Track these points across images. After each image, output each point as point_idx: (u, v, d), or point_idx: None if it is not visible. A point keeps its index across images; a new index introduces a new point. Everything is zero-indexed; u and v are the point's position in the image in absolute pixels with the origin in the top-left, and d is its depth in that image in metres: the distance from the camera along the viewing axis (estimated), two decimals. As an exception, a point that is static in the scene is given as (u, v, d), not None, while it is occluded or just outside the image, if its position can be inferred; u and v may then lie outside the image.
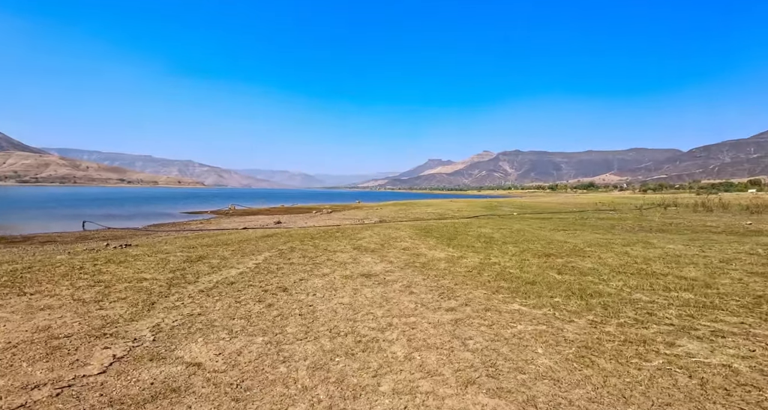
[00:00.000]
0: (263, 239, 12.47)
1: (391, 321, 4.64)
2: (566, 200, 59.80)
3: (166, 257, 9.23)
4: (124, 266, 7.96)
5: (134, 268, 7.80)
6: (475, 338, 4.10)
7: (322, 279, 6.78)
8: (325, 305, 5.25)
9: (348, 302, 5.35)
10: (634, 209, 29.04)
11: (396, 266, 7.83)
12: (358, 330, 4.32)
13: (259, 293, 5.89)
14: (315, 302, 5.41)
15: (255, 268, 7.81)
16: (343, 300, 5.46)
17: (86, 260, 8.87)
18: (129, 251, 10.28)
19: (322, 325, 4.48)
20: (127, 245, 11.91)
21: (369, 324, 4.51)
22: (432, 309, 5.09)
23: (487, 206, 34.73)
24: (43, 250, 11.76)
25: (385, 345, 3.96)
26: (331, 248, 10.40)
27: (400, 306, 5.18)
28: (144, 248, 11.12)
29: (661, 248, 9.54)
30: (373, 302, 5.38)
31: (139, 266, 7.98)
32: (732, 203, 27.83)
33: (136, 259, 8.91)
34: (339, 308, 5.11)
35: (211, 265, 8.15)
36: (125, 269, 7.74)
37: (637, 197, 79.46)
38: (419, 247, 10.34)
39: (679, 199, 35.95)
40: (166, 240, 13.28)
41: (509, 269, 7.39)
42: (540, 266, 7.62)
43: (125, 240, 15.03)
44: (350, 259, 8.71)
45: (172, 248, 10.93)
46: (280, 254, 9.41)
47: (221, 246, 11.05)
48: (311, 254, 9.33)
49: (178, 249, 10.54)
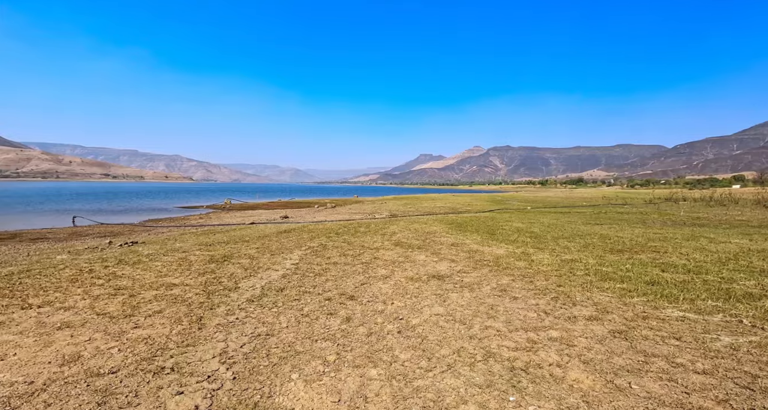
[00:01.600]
0: (283, 236, 11.37)
1: (527, 335, 3.65)
2: (567, 194, 59.64)
3: (185, 256, 8.09)
4: (141, 269, 6.82)
5: (154, 270, 6.67)
6: (681, 356, 3.14)
7: (386, 282, 5.78)
8: (418, 317, 4.24)
9: (445, 313, 4.35)
10: (646, 203, 28.64)
11: (464, 266, 6.85)
12: (496, 352, 3.30)
13: (323, 302, 4.86)
14: (401, 312, 4.40)
15: (295, 269, 6.76)
16: (435, 310, 4.46)
17: (93, 261, 7.69)
18: (139, 250, 9.09)
19: (439, 346, 3.45)
20: (134, 242, 10.69)
21: (502, 343, 3.51)
22: (564, 318, 4.10)
23: (495, 201, 34.00)
24: (37, 249, 10.47)
25: (559, 371, 2.94)
26: (368, 244, 9.38)
27: (518, 316, 4.19)
28: (154, 246, 9.93)
29: (730, 243, 8.79)
30: (477, 311, 4.38)
31: (159, 268, 6.85)
32: (742, 198, 27.62)
33: (151, 259, 7.76)
34: (440, 320, 4.10)
35: (243, 266, 7.06)
36: (144, 272, 6.60)
37: (630, 192, 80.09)
38: (467, 243, 9.38)
39: (687, 194, 35.81)
40: (174, 237, 12.08)
41: (600, 267, 6.42)
42: (630, 263, 6.69)
43: (126, 237, 13.74)
44: (400, 257, 7.71)
45: (186, 245, 9.77)
46: (314, 253, 8.35)
47: (241, 243, 9.94)
48: (351, 252, 8.30)
49: (195, 247, 9.39)
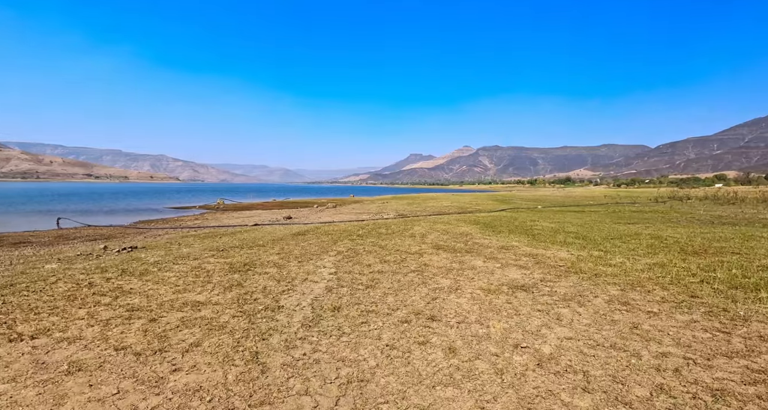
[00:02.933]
0: (300, 239, 10.27)
1: (741, 363, 2.72)
2: (566, 193, 59.57)
3: (199, 265, 6.95)
4: (152, 282, 5.68)
5: (169, 284, 5.54)
6: None
7: (460, 296, 4.79)
8: (545, 343, 3.28)
9: (577, 336, 3.38)
10: (653, 201, 28.35)
11: (541, 273, 5.88)
12: (726, 389, 2.38)
13: (400, 325, 3.85)
14: (515, 337, 3.42)
15: (338, 280, 5.72)
16: (557, 332, 3.49)
17: (91, 271, 6.49)
18: (142, 257, 7.90)
19: (623, 385, 2.49)
20: (133, 247, 9.44)
21: (713, 375, 2.58)
22: (756, 337, 3.18)
23: (499, 200, 33.34)
24: (20, 256, 9.15)
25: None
26: (404, 248, 8.37)
27: (687, 337, 3.25)
28: (158, 251, 8.73)
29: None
30: (620, 332, 3.42)
31: (174, 281, 5.72)
32: (747, 197, 27.52)
33: (160, 269, 6.60)
34: (582, 348, 3.14)
35: (273, 277, 5.98)
36: (156, 285, 5.47)
37: (621, 190, 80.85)
38: (516, 245, 8.43)
39: (691, 192, 35.80)
40: (176, 240, 10.84)
41: (710, 273, 5.52)
42: (736, 267, 5.81)
43: (119, 240, 12.43)
44: (453, 263, 6.72)
45: (195, 251, 8.60)
46: (348, 259, 7.30)
47: (256, 248, 8.82)
48: (391, 258, 7.27)
49: (206, 253, 8.24)
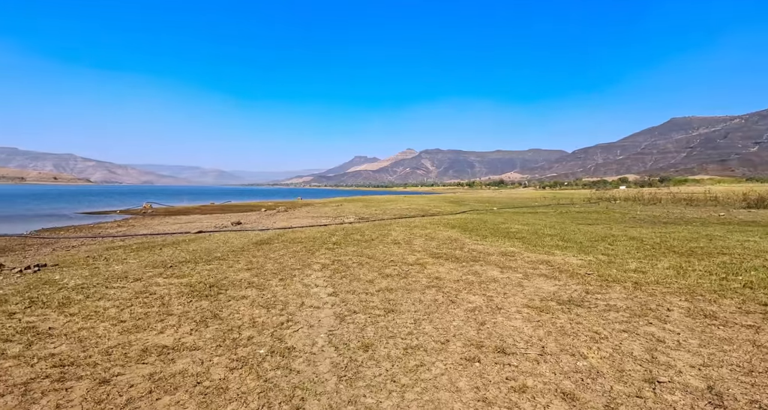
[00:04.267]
0: (266, 248, 8.80)
1: None
2: (507, 195, 63.21)
3: (144, 288, 5.29)
4: (82, 316, 4.02)
5: (108, 318, 3.95)
6: None
7: (510, 318, 3.98)
8: (685, 374, 2.58)
9: (709, 363, 2.71)
10: (588, 202, 30.84)
11: (575, 283, 5.29)
12: None
13: (471, 366, 2.93)
14: (634, 369, 2.67)
15: (343, 303, 4.60)
16: (682, 358, 2.82)
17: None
18: (57, 279, 5.89)
19: None
20: (41, 265, 7.15)
21: None
22: None
23: (453, 202, 33.94)
24: None
25: None
26: (397, 258, 7.41)
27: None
28: (78, 270, 6.67)
29: (751, 241, 8.74)
30: (754, 355, 2.84)
31: (114, 313, 4.12)
32: (663, 198, 31.17)
33: (88, 296, 4.85)
34: (740, 376, 2.48)
35: (257, 303, 4.65)
36: (90, 321, 3.85)
37: (555, 192, 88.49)
38: (516, 251, 7.89)
39: (616, 194, 39.86)
40: (102, 255, 8.60)
41: (726, 276, 5.39)
42: (741, 270, 5.80)
43: (19, 255, 9.61)
44: (469, 275, 5.92)
45: (131, 268, 6.74)
46: (340, 274, 6.15)
47: (216, 262, 7.23)
48: (391, 271, 6.27)
49: (148, 271, 6.47)
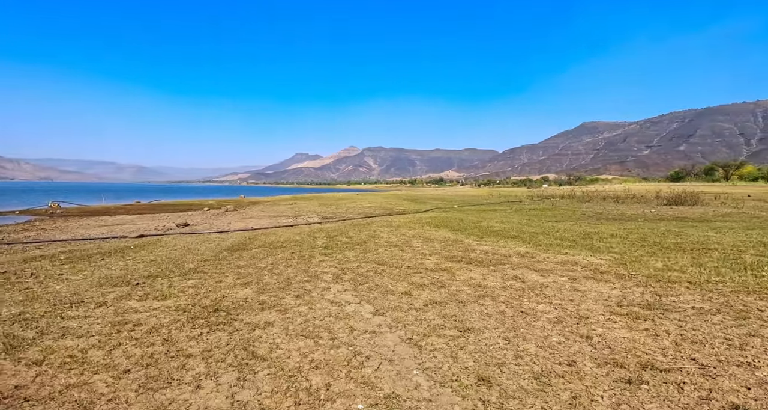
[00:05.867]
0: (246, 256, 7.59)
1: None
2: (454, 193, 65.47)
3: (121, 317, 3.99)
4: (54, 365, 2.74)
5: (103, 368, 2.76)
6: None
7: (613, 328, 3.59)
8: None
9: None
10: (532, 201, 33.05)
11: (633, 285, 5.05)
12: None
13: (633, 391, 2.42)
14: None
15: (403, 326, 3.87)
16: None
17: None
18: (-21, 315, 4.21)
19: None
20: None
21: None
22: None
23: (410, 199, 34.06)
24: None
25: None
26: (413, 263, 6.76)
27: None
28: (5, 294, 4.91)
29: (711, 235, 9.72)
30: None
31: (104, 358, 2.92)
32: (594, 196, 34.55)
33: (42, 332, 3.46)
34: None
35: (287, 330, 3.71)
36: (74, 375, 2.63)
37: (491, 190, 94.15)
38: (529, 252, 7.65)
39: (553, 191, 43.36)
40: (26, 271, 6.59)
41: (753, 271, 5.67)
42: (758, 265, 6.22)
43: None
44: (510, 281, 5.47)
45: (81, 288, 5.18)
46: (364, 285, 5.34)
47: (195, 275, 5.94)
48: (419, 280, 5.60)
49: (107, 290, 5.02)
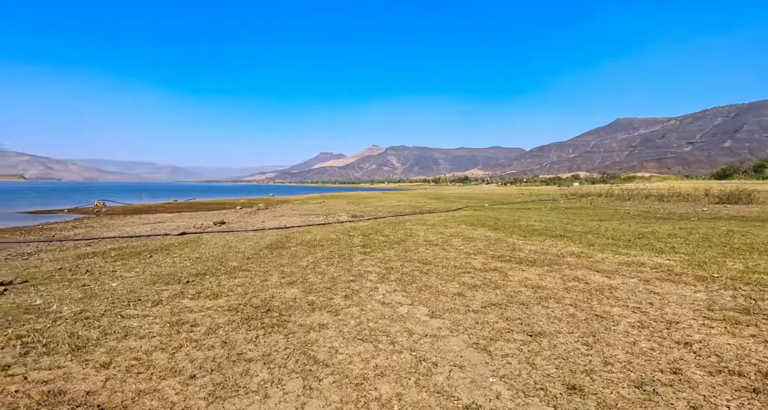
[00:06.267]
0: (285, 254, 7.56)
1: None
2: (482, 191, 64.21)
3: (178, 316, 3.97)
4: (121, 369, 2.70)
5: (168, 372, 2.71)
6: None
7: (713, 335, 3.19)
8: None
9: None
10: (567, 199, 31.75)
11: (722, 290, 4.52)
12: None
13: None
14: None
15: (464, 329, 3.61)
16: None
17: None
18: (43, 306, 4.34)
19: None
20: (5, 284, 5.40)
21: None
22: None
23: (438, 198, 33.59)
24: None
25: None
26: (459, 263, 6.48)
27: None
28: (65, 291, 5.07)
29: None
30: None
31: (167, 361, 2.87)
32: (636, 194, 32.74)
33: (105, 332, 3.49)
34: None
35: (343, 333, 3.55)
36: (142, 380, 2.58)
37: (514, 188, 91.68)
38: (583, 252, 7.14)
39: (588, 190, 41.50)
40: (81, 267, 6.85)
41: None
42: None
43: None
44: (575, 283, 5.09)
45: (136, 286, 5.26)
46: (414, 286, 5.13)
47: (240, 273, 5.92)
48: (474, 281, 5.32)
49: (160, 288, 5.05)
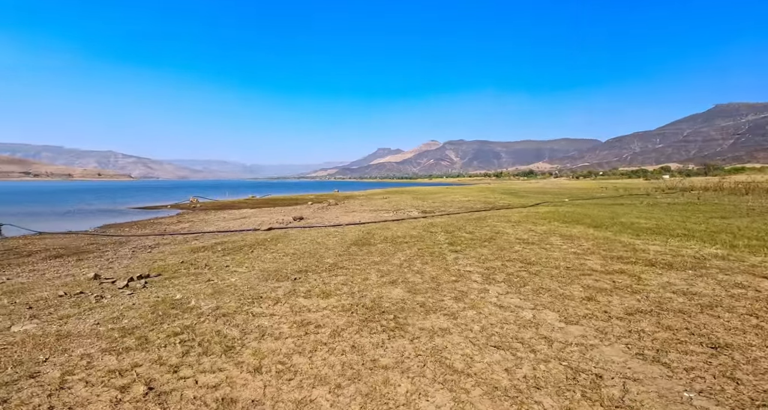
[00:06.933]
0: (372, 251, 7.46)
1: None
2: (556, 185, 59.75)
3: (299, 316, 4.00)
4: (272, 373, 2.74)
5: (315, 380, 2.65)
6: None
7: None
8: None
9: None
10: (664, 193, 27.95)
11: None
12: None
13: None
14: None
15: (617, 338, 3.09)
16: None
17: (119, 348, 3.36)
18: (182, 301, 4.73)
19: None
20: (144, 277, 6.08)
21: None
22: None
23: (504, 193, 31.78)
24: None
25: None
26: (577, 265, 5.81)
27: None
28: (195, 286, 5.52)
29: None
30: None
31: (309, 367, 2.84)
32: (749, 188, 27.78)
33: (245, 332, 3.61)
34: None
35: (469, 338, 3.24)
36: (295, 388, 2.55)
37: (592, 182, 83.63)
38: (734, 255, 6.05)
39: (691, 182, 36.26)
40: (199, 261, 7.52)
41: None
42: None
43: (99, 257, 8.79)
44: (739, 290, 4.25)
45: (251, 282, 5.51)
46: (529, 287, 4.66)
47: (340, 272, 5.91)
48: (599, 283, 4.69)
49: (272, 285, 5.22)
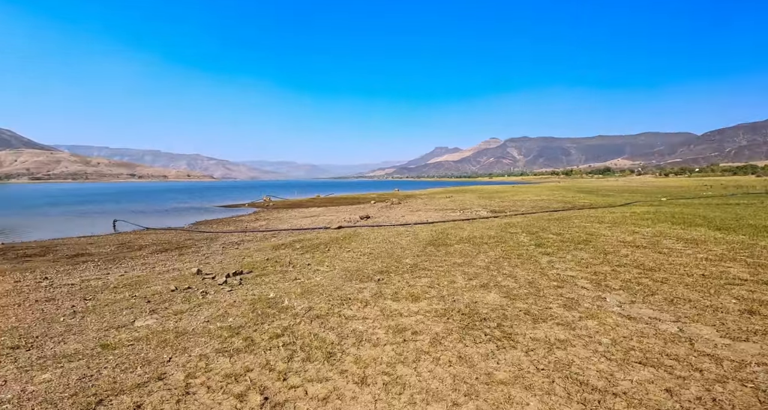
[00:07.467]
0: (450, 252, 6.98)
1: None
2: (641, 182, 53.35)
3: (392, 320, 3.76)
4: (379, 385, 2.50)
5: (431, 395, 2.34)
6: None
7: None
8: None
9: None
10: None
11: None
12: None
13: None
14: None
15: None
16: None
17: (230, 348, 3.43)
18: (276, 300, 4.82)
19: None
20: (238, 274, 6.41)
21: None
22: None
23: (581, 191, 28.86)
24: (84, 288, 6.40)
25: None
26: (722, 275, 4.82)
27: None
28: (285, 284, 5.64)
29: None
30: None
31: (417, 381, 2.56)
32: None
33: (341, 336, 3.49)
34: None
35: (598, 352, 2.75)
36: (405, 403, 2.27)
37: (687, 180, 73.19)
38: None
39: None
40: (283, 259, 7.80)
41: None
42: None
43: (196, 252, 9.65)
44: None
45: (335, 281, 5.45)
46: (661, 298, 3.88)
47: (423, 273, 5.57)
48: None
49: (356, 286, 5.06)
